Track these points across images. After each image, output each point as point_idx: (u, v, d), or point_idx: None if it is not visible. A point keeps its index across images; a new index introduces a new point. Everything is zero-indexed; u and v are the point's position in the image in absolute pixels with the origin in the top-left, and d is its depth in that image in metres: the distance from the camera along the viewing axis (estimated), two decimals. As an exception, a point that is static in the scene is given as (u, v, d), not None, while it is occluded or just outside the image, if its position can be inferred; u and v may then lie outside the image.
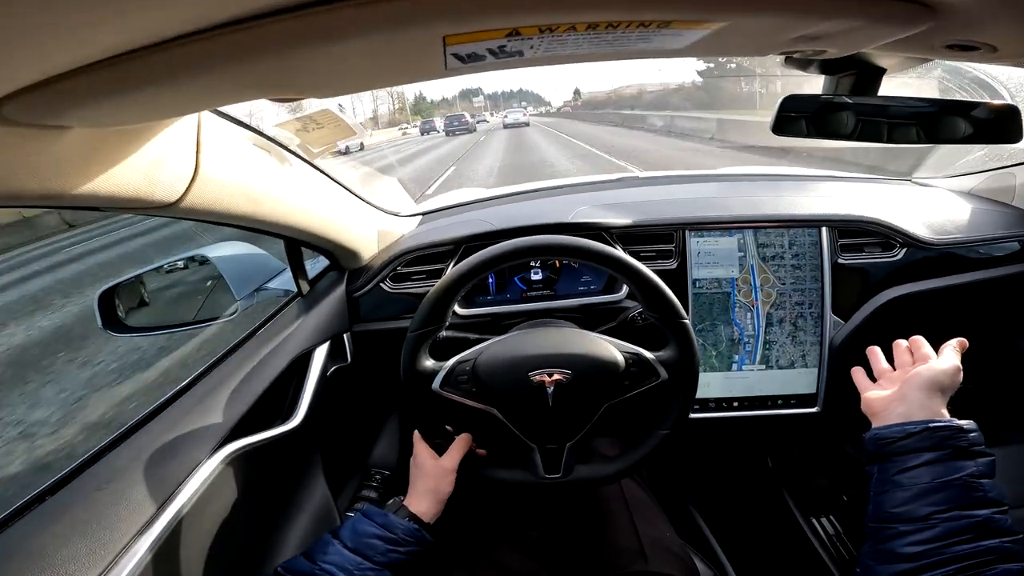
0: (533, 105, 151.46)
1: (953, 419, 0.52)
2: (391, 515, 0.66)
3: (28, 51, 0.23)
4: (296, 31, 0.25)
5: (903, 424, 0.52)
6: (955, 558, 0.44)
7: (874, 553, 0.50)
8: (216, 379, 0.75)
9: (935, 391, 0.55)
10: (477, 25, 0.27)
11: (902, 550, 0.46)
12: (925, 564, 0.45)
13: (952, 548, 0.44)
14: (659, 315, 0.71)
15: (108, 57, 0.26)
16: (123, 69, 0.26)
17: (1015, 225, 1.04)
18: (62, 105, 0.29)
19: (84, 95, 0.29)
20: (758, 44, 0.39)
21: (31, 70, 0.26)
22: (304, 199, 0.73)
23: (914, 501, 0.48)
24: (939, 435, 0.50)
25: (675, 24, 0.31)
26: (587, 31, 0.30)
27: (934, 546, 0.45)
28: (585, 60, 0.37)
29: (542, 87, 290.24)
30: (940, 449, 0.49)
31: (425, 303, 0.70)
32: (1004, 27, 0.39)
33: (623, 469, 0.74)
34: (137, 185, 0.42)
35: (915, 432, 0.51)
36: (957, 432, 0.50)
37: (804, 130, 0.65)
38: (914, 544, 0.46)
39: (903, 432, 0.51)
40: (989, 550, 0.43)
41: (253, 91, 0.34)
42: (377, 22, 0.25)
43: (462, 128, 27.22)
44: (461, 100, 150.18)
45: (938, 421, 0.51)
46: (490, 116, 47.44)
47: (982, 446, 0.50)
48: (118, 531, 0.53)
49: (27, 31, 0.21)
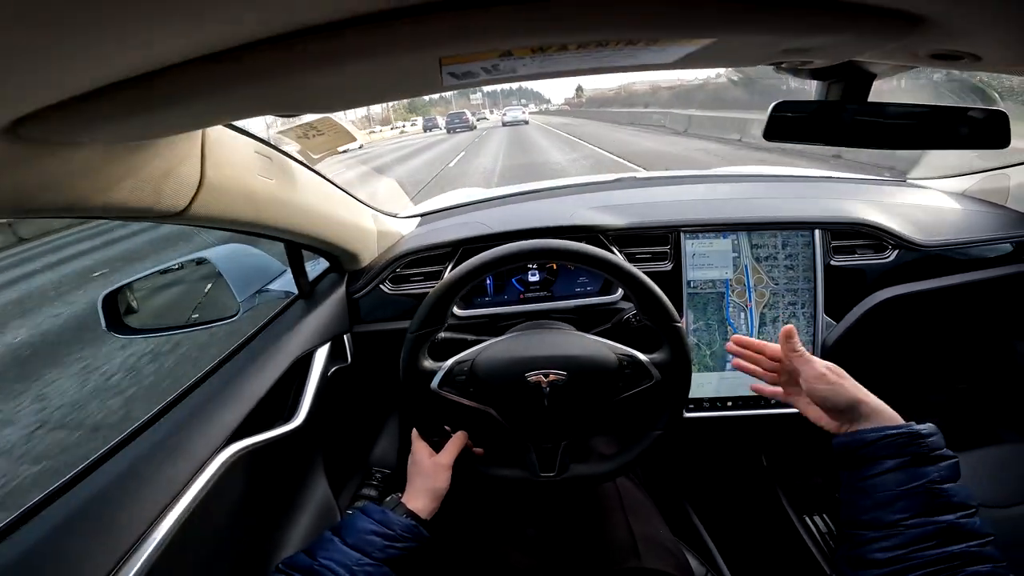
0: (534, 103, 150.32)
1: (911, 423, 0.51)
2: (389, 512, 0.67)
3: (47, 74, 0.24)
4: (304, 55, 0.26)
5: (862, 432, 0.52)
6: (922, 563, 0.44)
7: (848, 558, 0.50)
8: (220, 380, 0.76)
9: (871, 398, 0.56)
10: (472, 49, 0.28)
11: (872, 556, 0.47)
12: (895, 570, 0.45)
13: (919, 554, 0.45)
14: (653, 318, 0.72)
15: (124, 79, 0.27)
16: (138, 91, 0.28)
17: (1008, 227, 1.05)
18: (78, 124, 0.30)
19: (100, 115, 0.30)
20: (746, 57, 0.40)
21: (50, 92, 0.27)
22: (305, 204, 0.74)
23: (880, 508, 0.48)
24: (897, 442, 0.50)
25: (663, 42, 0.32)
26: (578, 50, 0.31)
27: (901, 552, 0.45)
28: (576, 74, 0.38)
29: (542, 85, 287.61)
30: (899, 456, 0.49)
31: (424, 305, 0.72)
32: (985, 37, 0.40)
33: (617, 468, 0.76)
34: (145, 196, 0.43)
35: (872, 440, 0.51)
36: (914, 438, 0.50)
37: (797, 134, 0.66)
38: (883, 551, 0.46)
39: (862, 440, 0.52)
40: (954, 555, 0.44)
41: (260, 108, 0.35)
42: (378, 46, 0.26)
43: (463, 126, 28.16)
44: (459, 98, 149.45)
45: (894, 428, 0.51)
46: (490, 114, 47.80)
47: (942, 449, 0.50)
48: (126, 530, 0.55)
49: (47, 55, 0.22)
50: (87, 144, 0.36)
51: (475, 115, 42.58)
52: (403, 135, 32.92)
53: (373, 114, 72.35)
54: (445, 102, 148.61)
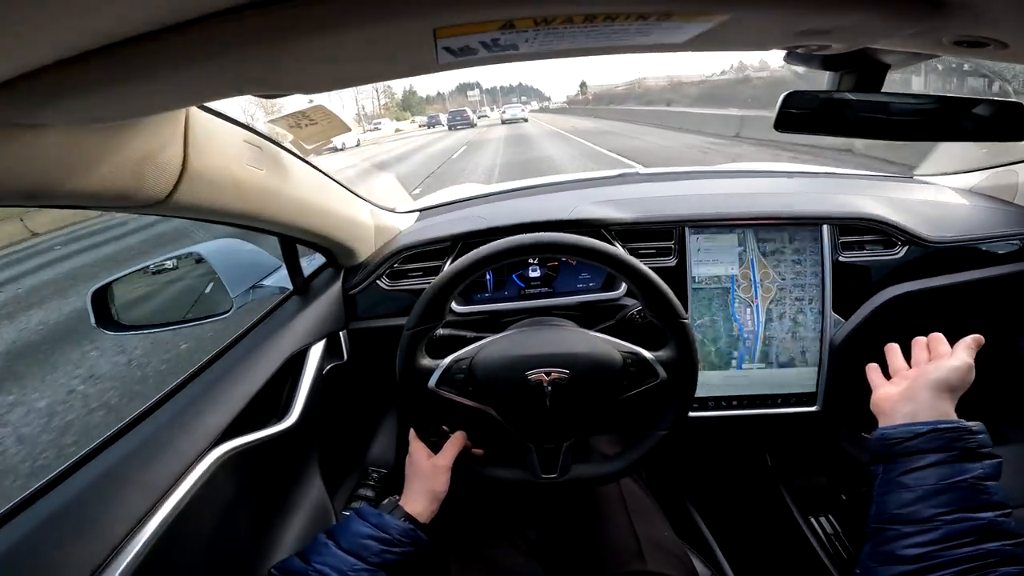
0: (536, 100, 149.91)
1: (961, 420, 0.51)
2: (386, 515, 0.66)
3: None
4: (283, 23, 0.24)
5: (910, 424, 0.51)
6: (956, 561, 0.43)
7: (875, 555, 0.49)
8: (210, 378, 0.74)
9: (943, 391, 0.54)
10: (470, 17, 0.26)
11: (903, 552, 0.46)
12: (926, 567, 0.44)
13: (953, 551, 0.44)
14: (658, 315, 0.70)
15: (81, 53, 0.25)
16: (98, 65, 0.25)
17: (1017, 223, 1.03)
18: (35, 103, 0.28)
19: (58, 92, 0.28)
20: (762, 38, 0.38)
21: (1, 67, 0.25)
22: (298, 196, 0.72)
23: (918, 503, 0.47)
24: (947, 436, 0.49)
25: (676, 16, 0.30)
26: (584, 23, 0.29)
27: (935, 548, 0.44)
28: (582, 54, 0.36)
29: (542, 81, 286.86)
30: (948, 451, 0.48)
31: (421, 301, 0.70)
32: (1016, 22, 0.38)
33: (620, 469, 0.74)
34: (123, 183, 0.41)
35: (922, 433, 0.50)
36: (965, 433, 0.49)
37: (808, 126, 0.64)
38: (916, 546, 0.45)
39: (910, 433, 0.50)
40: (990, 553, 0.43)
41: (236, 87, 0.33)
42: (366, 13, 0.24)
43: (464, 123, 29.77)
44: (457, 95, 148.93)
45: (946, 422, 0.50)
46: (491, 111, 48.19)
47: (989, 448, 0.49)
48: (112, 529, 0.53)
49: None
50: (51, 126, 0.33)
51: (476, 112, 44.37)
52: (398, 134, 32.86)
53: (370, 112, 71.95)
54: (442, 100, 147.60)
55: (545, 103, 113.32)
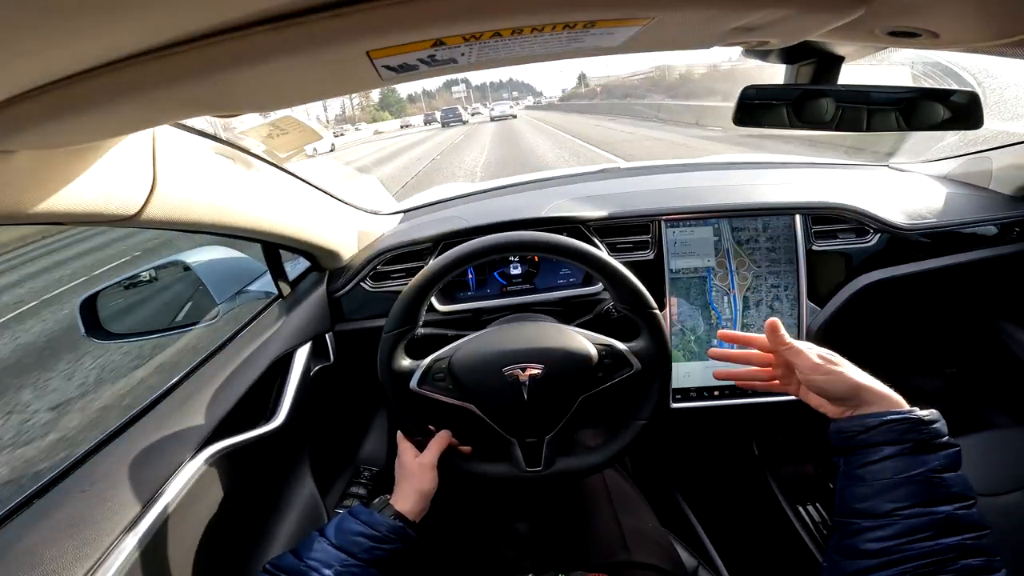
0: (531, 96, 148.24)
1: (914, 409, 0.49)
2: (375, 513, 0.67)
3: None
4: (217, 56, 0.25)
5: (862, 417, 0.50)
6: (915, 556, 0.43)
7: (840, 547, 0.49)
8: (197, 383, 0.75)
9: (874, 384, 0.53)
10: (397, 39, 0.27)
11: (864, 546, 0.46)
12: (886, 561, 0.44)
13: (912, 546, 0.43)
14: (629, 306, 0.72)
15: (45, 84, 0.27)
16: (58, 95, 0.27)
17: (992, 209, 1.04)
18: (3, 131, 0.30)
19: (25, 121, 0.29)
20: (694, 37, 0.39)
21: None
22: (275, 203, 0.73)
23: (876, 497, 0.47)
24: (898, 428, 0.48)
25: (600, 24, 0.31)
26: (513, 36, 0.31)
27: (895, 543, 0.44)
28: (523, 62, 0.37)
29: (534, 76, 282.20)
30: (900, 443, 0.47)
31: (397, 304, 0.71)
32: (940, 12, 0.39)
33: (604, 460, 0.75)
34: (93, 200, 0.42)
35: (873, 426, 0.49)
36: (917, 424, 0.48)
37: (768, 120, 0.65)
38: (876, 540, 0.45)
39: (862, 426, 0.50)
40: (949, 548, 0.42)
41: (191, 110, 0.34)
42: (293, 44, 0.25)
43: (456, 120, 32.51)
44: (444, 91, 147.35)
45: (895, 413, 0.49)
46: (483, 108, 48.61)
47: (945, 437, 0.48)
48: (104, 530, 0.54)
49: None
50: (17, 151, 0.35)
51: (467, 109, 46.25)
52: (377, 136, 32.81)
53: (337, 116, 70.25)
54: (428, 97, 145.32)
55: (538, 99, 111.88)
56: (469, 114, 39.60)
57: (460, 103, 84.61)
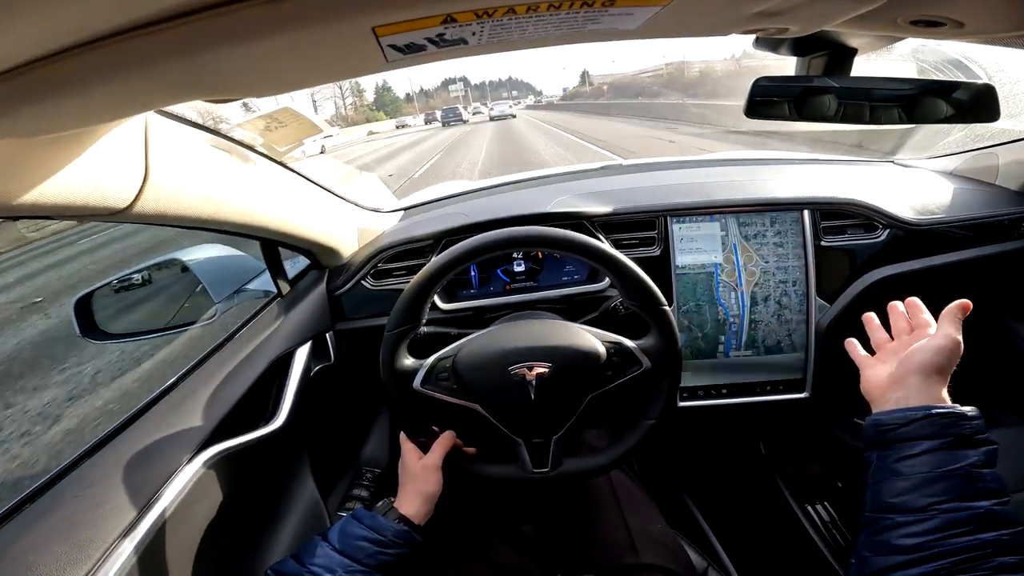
0: (531, 95, 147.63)
1: (956, 405, 0.48)
2: (380, 517, 0.66)
3: None
4: (204, 33, 0.23)
5: (904, 410, 0.49)
6: (952, 551, 0.42)
7: (870, 544, 0.47)
8: (194, 383, 0.74)
9: (933, 373, 0.52)
10: (406, 14, 0.25)
11: (898, 542, 0.45)
12: (922, 556, 0.43)
13: (949, 540, 0.42)
14: (639, 303, 0.70)
15: (19, 64, 0.25)
16: (31, 77, 0.25)
17: (999, 204, 1.03)
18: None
19: (3, 104, 0.27)
20: (714, 22, 0.38)
21: None
22: (274, 199, 0.72)
23: (913, 491, 0.45)
24: (941, 422, 0.47)
25: (619, 2, 0.30)
26: (528, 14, 0.29)
27: (931, 538, 0.43)
28: (536, 46, 0.36)
29: (534, 75, 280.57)
30: (942, 437, 0.46)
31: (400, 302, 0.70)
32: (967, 1, 0.38)
33: (612, 461, 0.74)
34: (82, 192, 0.41)
35: (916, 419, 0.48)
36: (960, 419, 0.47)
37: (779, 113, 0.64)
38: (911, 536, 0.44)
39: (904, 419, 0.48)
40: (987, 543, 0.42)
41: (179, 94, 0.32)
42: (291, 19, 0.23)
43: (456, 119, 33.13)
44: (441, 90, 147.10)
45: (940, 407, 0.48)
46: (483, 107, 49.32)
47: (985, 434, 0.47)
48: (100, 534, 0.53)
49: None
50: (1, 139, 0.33)
51: (467, 109, 47.88)
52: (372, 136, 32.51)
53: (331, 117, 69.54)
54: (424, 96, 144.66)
55: (538, 98, 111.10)
56: (470, 113, 40.75)
57: (458, 101, 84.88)
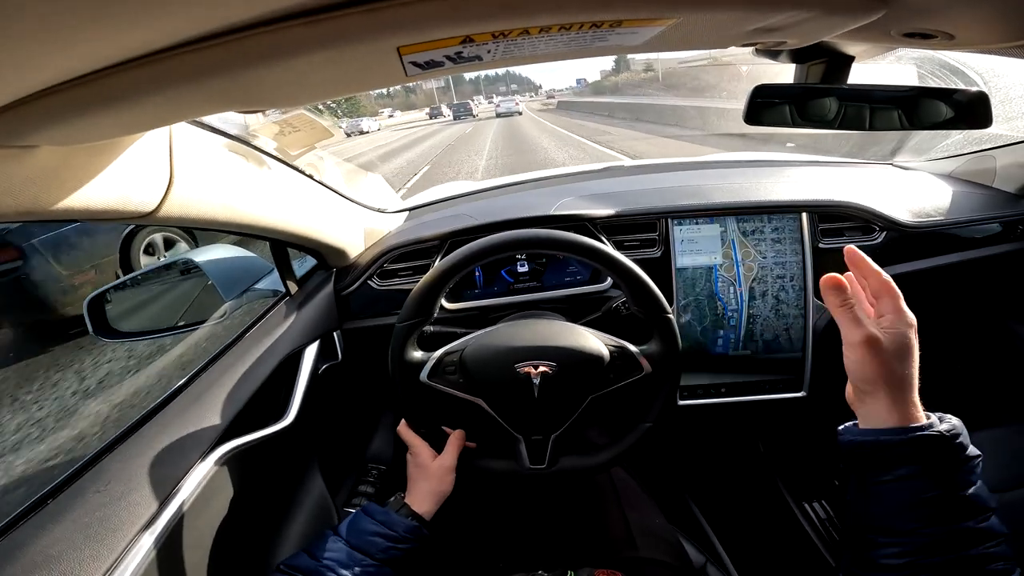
0: (531, 92, 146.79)
1: (933, 422, 0.44)
2: (392, 513, 0.67)
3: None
4: (251, 50, 0.25)
5: (876, 432, 0.46)
6: (939, 567, 0.41)
7: (857, 560, 0.46)
8: (207, 382, 0.75)
9: (905, 385, 0.46)
10: (429, 36, 0.27)
11: (884, 561, 0.43)
12: (909, 574, 0.42)
13: (935, 560, 0.41)
14: (643, 309, 0.72)
15: (73, 78, 0.27)
16: (88, 90, 0.27)
17: (996, 207, 1.05)
18: (29, 126, 0.30)
19: (51, 116, 0.29)
20: (716, 37, 0.40)
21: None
22: (286, 201, 0.73)
23: (893, 516, 0.44)
24: (916, 445, 0.43)
25: (627, 23, 0.31)
26: (541, 34, 0.31)
27: (916, 559, 0.42)
28: (545, 60, 0.37)
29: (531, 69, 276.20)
30: (917, 462, 0.43)
31: (412, 296, 0.71)
32: (957, 15, 0.40)
33: (607, 460, 0.75)
34: (111, 197, 0.43)
35: (889, 444, 0.44)
36: (935, 440, 0.43)
37: (778, 119, 0.66)
38: (896, 556, 0.43)
39: (876, 442, 0.45)
40: (972, 559, 0.41)
41: (219, 105, 0.34)
42: (328, 38, 0.25)
43: (466, 114, 36.21)
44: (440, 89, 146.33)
45: (913, 430, 0.44)
46: (487, 102, 50.71)
47: (966, 449, 0.44)
48: (120, 531, 0.54)
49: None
50: (42, 147, 0.35)
51: (477, 104, 51.94)
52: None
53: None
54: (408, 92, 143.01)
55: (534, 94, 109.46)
56: (475, 106, 43.76)
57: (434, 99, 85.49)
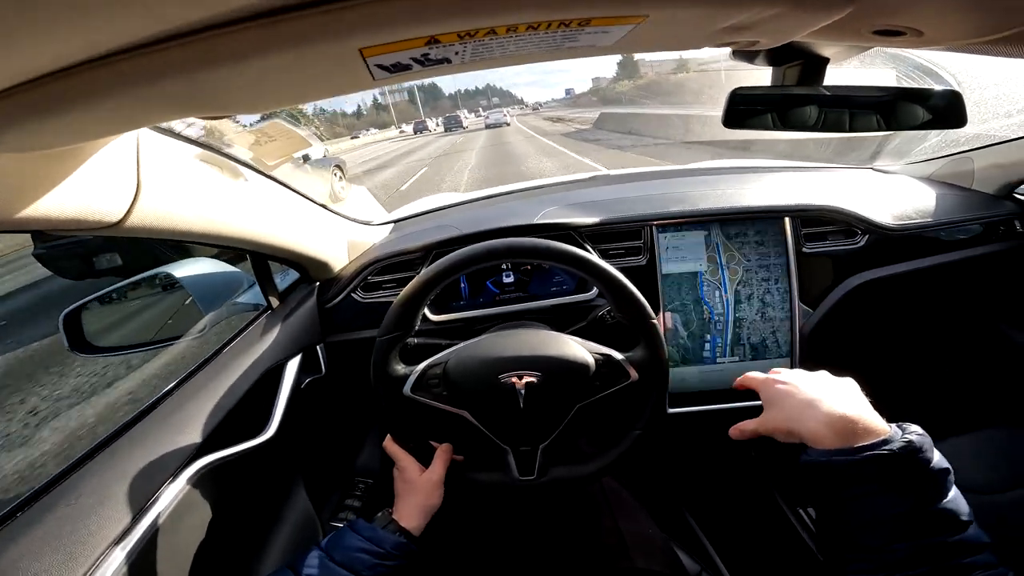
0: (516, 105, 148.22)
1: (889, 437, 0.44)
2: (379, 529, 0.65)
3: None
4: (203, 53, 0.25)
5: (829, 453, 0.45)
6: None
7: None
8: (184, 396, 0.74)
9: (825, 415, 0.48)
10: (391, 36, 0.27)
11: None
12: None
13: (906, 574, 0.40)
14: (628, 316, 0.72)
15: (26, 81, 0.26)
16: (36, 93, 0.26)
17: (976, 208, 1.06)
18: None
19: (3, 121, 0.28)
20: (686, 37, 0.40)
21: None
22: (264, 213, 0.72)
23: (864, 532, 0.43)
24: (869, 465, 0.43)
25: (595, 22, 0.31)
26: (508, 34, 0.31)
27: (888, 575, 0.41)
28: (517, 63, 0.37)
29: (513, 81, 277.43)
30: (872, 481, 0.42)
31: (393, 309, 0.70)
32: (922, 10, 0.40)
33: (597, 470, 0.74)
34: (75, 206, 0.41)
35: (842, 464, 0.43)
36: (887, 458, 0.42)
37: (756, 122, 0.66)
38: (867, 573, 0.42)
39: (829, 463, 0.44)
40: (950, 571, 0.40)
41: (178, 110, 0.33)
42: (285, 40, 0.25)
43: (456, 126, 36.29)
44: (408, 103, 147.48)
45: (862, 449, 0.43)
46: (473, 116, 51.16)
47: (930, 463, 0.43)
48: (90, 544, 0.53)
49: None
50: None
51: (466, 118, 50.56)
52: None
53: None
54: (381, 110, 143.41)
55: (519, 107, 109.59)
56: (464, 118, 43.36)
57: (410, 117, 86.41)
